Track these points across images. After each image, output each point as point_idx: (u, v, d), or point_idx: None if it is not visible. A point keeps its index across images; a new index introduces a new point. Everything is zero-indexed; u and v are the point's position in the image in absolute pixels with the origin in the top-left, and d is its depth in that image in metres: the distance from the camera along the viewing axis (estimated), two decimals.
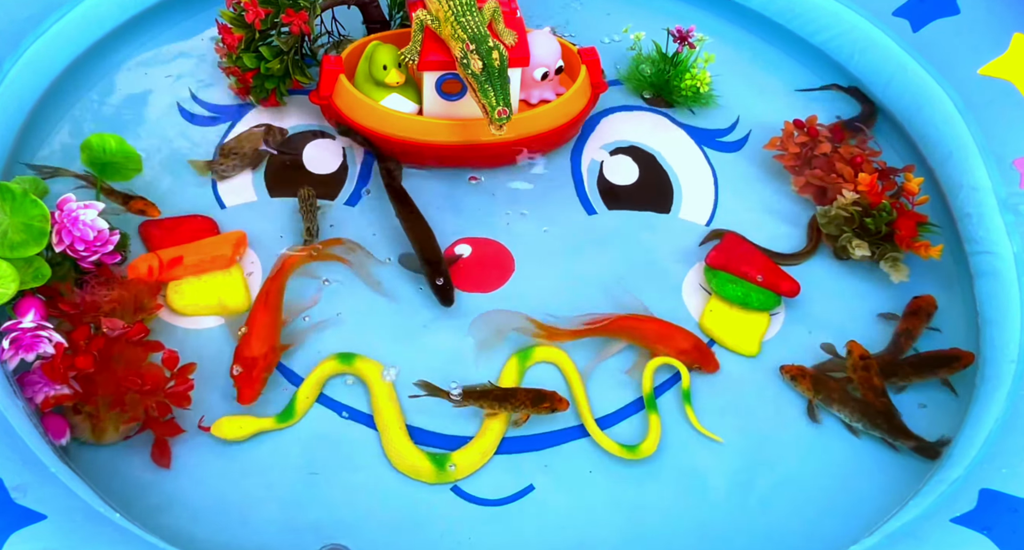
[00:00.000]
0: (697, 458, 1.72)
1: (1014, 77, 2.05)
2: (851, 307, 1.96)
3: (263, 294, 1.82)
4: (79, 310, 1.68)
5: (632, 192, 2.13)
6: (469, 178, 2.10)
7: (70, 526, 1.35)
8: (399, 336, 1.83)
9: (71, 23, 2.14)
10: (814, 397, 1.79)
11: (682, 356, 1.82)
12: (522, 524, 1.63)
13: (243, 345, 1.74)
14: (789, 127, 2.16)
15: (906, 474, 1.71)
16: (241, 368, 1.71)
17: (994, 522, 1.45)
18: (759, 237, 2.04)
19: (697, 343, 1.84)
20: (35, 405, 1.60)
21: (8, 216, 1.64)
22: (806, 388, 1.79)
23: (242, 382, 1.70)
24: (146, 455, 1.63)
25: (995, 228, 1.91)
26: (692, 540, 1.63)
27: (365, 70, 2.05)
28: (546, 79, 2.09)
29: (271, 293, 1.82)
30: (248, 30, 2.04)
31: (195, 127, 2.16)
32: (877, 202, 1.97)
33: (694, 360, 1.82)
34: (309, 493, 1.63)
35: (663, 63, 2.29)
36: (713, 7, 2.54)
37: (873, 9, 2.28)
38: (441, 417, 1.72)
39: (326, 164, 2.11)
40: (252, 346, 1.73)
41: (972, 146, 2.01)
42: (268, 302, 1.80)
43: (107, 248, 1.75)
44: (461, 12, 1.86)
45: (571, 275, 1.96)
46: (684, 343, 1.83)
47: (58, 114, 2.14)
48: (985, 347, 1.82)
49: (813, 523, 1.66)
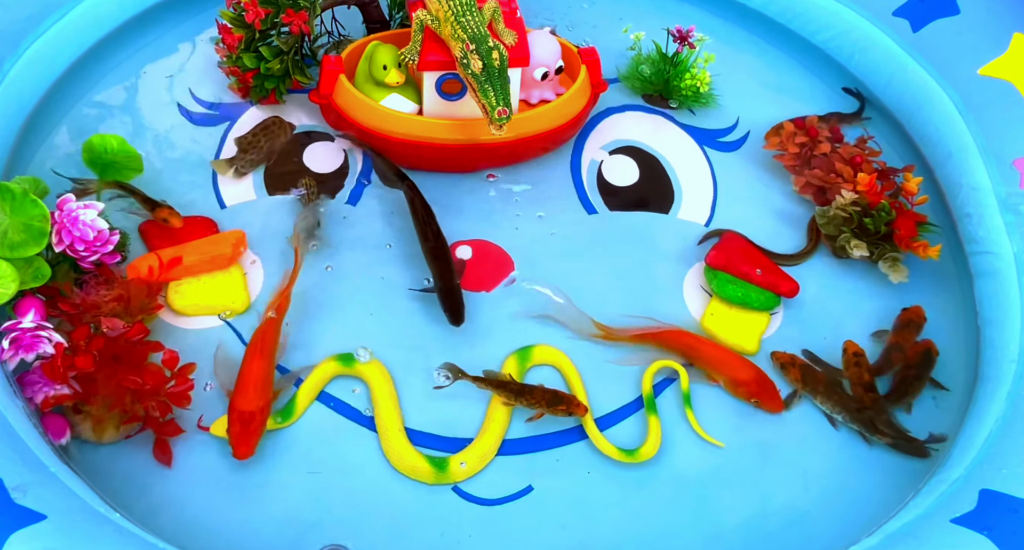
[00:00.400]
0: (696, 458, 1.72)
1: (1014, 77, 2.05)
2: (850, 307, 1.96)
3: (257, 339, 1.72)
4: (79, 310, 1.68)
5: (632, 192, 2.13)
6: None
7: (70, 526, 1.35)
8: (389, 326, 1.83)
9: (71, 23, 2.14)
10: (801, 387, 1.79)
11: (740, 388, 1.77)
12: (521, 524, 1.63)
13: (239, 398, 1.63)
14: (789, 126, 2.16)
15: (906, 474, 1.71)
16: (237, 424, 1.60)
17: (994, 522, 1.45)
18: (759, 237, 2.04)
19: (759, 376, 1.78)
20: (35, 405, 1.60)
21: (8, 216, 1.64)
22: (794, 378, 1.80)
23: (239, 438, 1.59)
24: (146, 455, 1.63)
25: (995, 228, 1.91)
26: (691, 540, 1.63)
27: (365, 70, 2.05)
28: (546, 79, 2.09)
29: (266, 338, 1.72)
30: (248, 30, 2.04)
31: (195, 127, 2.16)
32: (876, 202, 1.97)
33: (753, 394, 1.76)
34: (309, 493, 1.63)
35: (663, 63, 2.29)
36: (713, 7, 2.54)
37: (873, 9, 2.28)
38: (441, 419, 1.73)
39: (326, 164, 2.11)
40: (249, 398, 1.62)
41: (972, 146, 2.01)
42: (264, 349, 1.70)
43: (107, 248, 1.75)
44: (461, 12, 1.86)
45: (571, 275, 1.95)
46: (744, 374, 1.78)
47: (58, 114, 2.14)
48: (985, 347, 1.82)
49: (813, 523, 1.66)
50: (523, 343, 1.83)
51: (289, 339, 1.79)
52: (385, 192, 2.06)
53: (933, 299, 1.97)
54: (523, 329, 1.85)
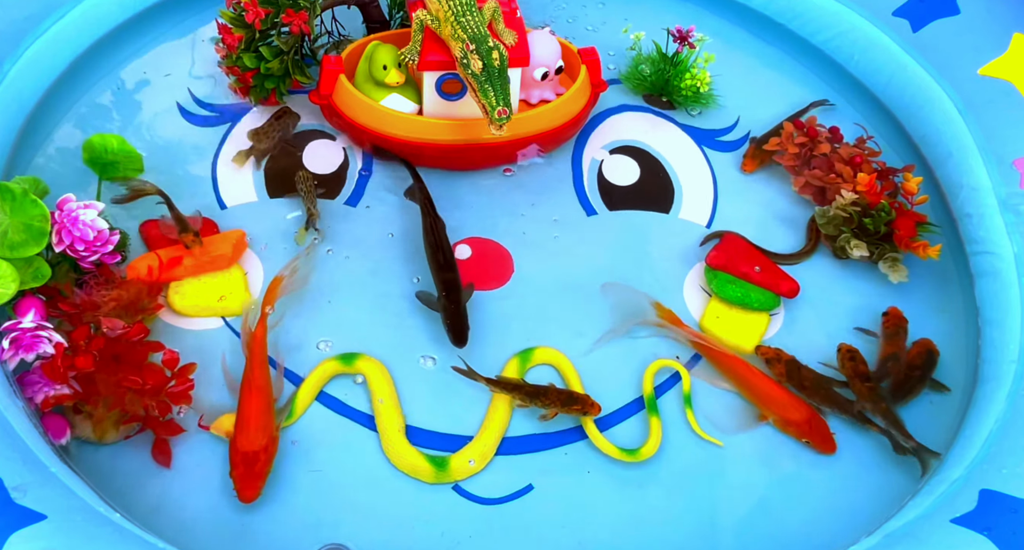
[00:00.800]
0: (696, 458, 1.72)
1: (1014, 77, 2.05)
2: (850, 307, 1.96)
3: (249, 374, 1.66)
4: (79, 310, 1.68)
5: (632, 192, 2.13)
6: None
7: (70, 526, 1.35)
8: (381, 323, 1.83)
9: (71, 23, 2.14)
10: (786, 382, 1.79)
11: (790, 427, 1.73)
12: (522, 524, 1.63)
13: (241, 438, 1.57)
14: (788, 127, 2.16)
15: (906, 474, 1.71)
16: (241, 465, 1.54)
17: (994, 522, 1.45)
18: (759, 237, 2.04)
19: (812, 417, 1.73)
20: (35, 405, 1.60)
21: (8, 216, 1.64)
22: (779, 373, 1.80)
23: (244, 480, 1.53)
24: (146, 455, 1.63)
25: (995, 228, 1.91)
26: (691, 540, 1.63)
27: (365, 70, 2.05)
28: (546, 79, 2.09)
29: (256, 371, 1.65)
30: (248, 30, 2.04)
31: (195, 127, 2.17)
32: (876, 202, 1.97)
33: (805, 435, 1.72)
34: (309, 492, 1.63)
35: (663, 63, 2.29)
36: (713, 7, 2.54)
37: (873, 9, 2.28)
38: (441, 418, 1.72)
39: (326, 164, 2.11)
40: (252, 438, 1.57)
41: (972, 146, 2.01)
42: (256, 383, 1.64)
43: (107, 248, 1.75)
44: (461, 12, 1.86)
45: (571, 275, 1.95)
46: (797, 415, 1.73)
47: (58, 114, 2.14)
48: (985, 347, 1.82)
49: (813, 523, 1.66)
50: (523, 342, 1.83)
51: (290, 338, 1.79)
52: (385, 192, 2.06)
53: (933, 299, 1.97)
54: (523, 329, 1.85)
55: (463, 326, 1.76)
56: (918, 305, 1.93)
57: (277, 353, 1.75)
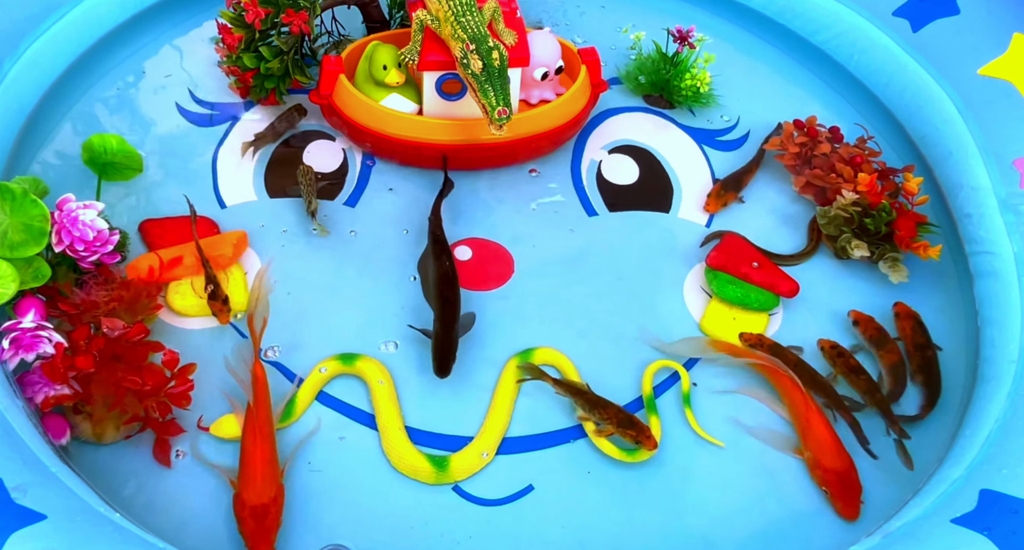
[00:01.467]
0: (696, 458, 1.72)
1: (1014, 77, 2.05)
2: (850, 307, 1.95)
3: (252, 421, 1.59)
4: (79, 310, 1.68)
5: (632, 192, 2.13)
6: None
7: (70, 526, 1.35)
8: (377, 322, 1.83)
9: (71, 23, 2.14)
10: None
11: (819, 472, 1.67)
12: (522, 524, 1.63)
13: (248, 492, 1.50)
14: (789, 127, 2.16)
15: (906, 474, 1.71)
16: (250, 520, 1.48)
17: (994, 522, 1.45)
18: (759, 237, 2.04)
19: (845, 474, 1.66)
20: (35, 405, 1.60)
21: (8, 216, 1.64)
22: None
23: (255, 536, 1.47)
24: (146, 455, 1.63)
25: (995, 228, 1.91)
26: (691, 539, 1.63)
27: (365, 70, 2.05)
28: (546, 79, 2.09)
29: (261, 417, 1.59)
30: (248, 30, 2.04)
31: (195, 127, 2.17)
32: (877, 202, 1.97)
33: (828, 486, 1.66)
34: (309, 492, 1.63)
35: (663, 63, 2.29)
36: (713, 7, 2.54)
37: (873, 9, 2.28)
38: (441, 418, 1.73)
39: (326, 164, 2.11)
40: (259, 491, 1.49)
41: (972, 146, 2.01)
42: (261, 430, 1.58)
43: (107, 248, 1.75)
44: (461, 12, 1.86)
45: (571, 275, 1.96)
46: (833, 463, 1.66)
47: (58, 114, 2.14)
48: (985, 347, 1.82)
49: (813, 523, 1.66)
50: (523, 342, 1.83)
51: (290, 341, 1.79)
52: (385, 191, 2.06)
53: (933, 299, 1.97)
54: (523, 329, 1.85)
55: (448, 354, 1.70)
56: (918, 305, 1.93)
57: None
